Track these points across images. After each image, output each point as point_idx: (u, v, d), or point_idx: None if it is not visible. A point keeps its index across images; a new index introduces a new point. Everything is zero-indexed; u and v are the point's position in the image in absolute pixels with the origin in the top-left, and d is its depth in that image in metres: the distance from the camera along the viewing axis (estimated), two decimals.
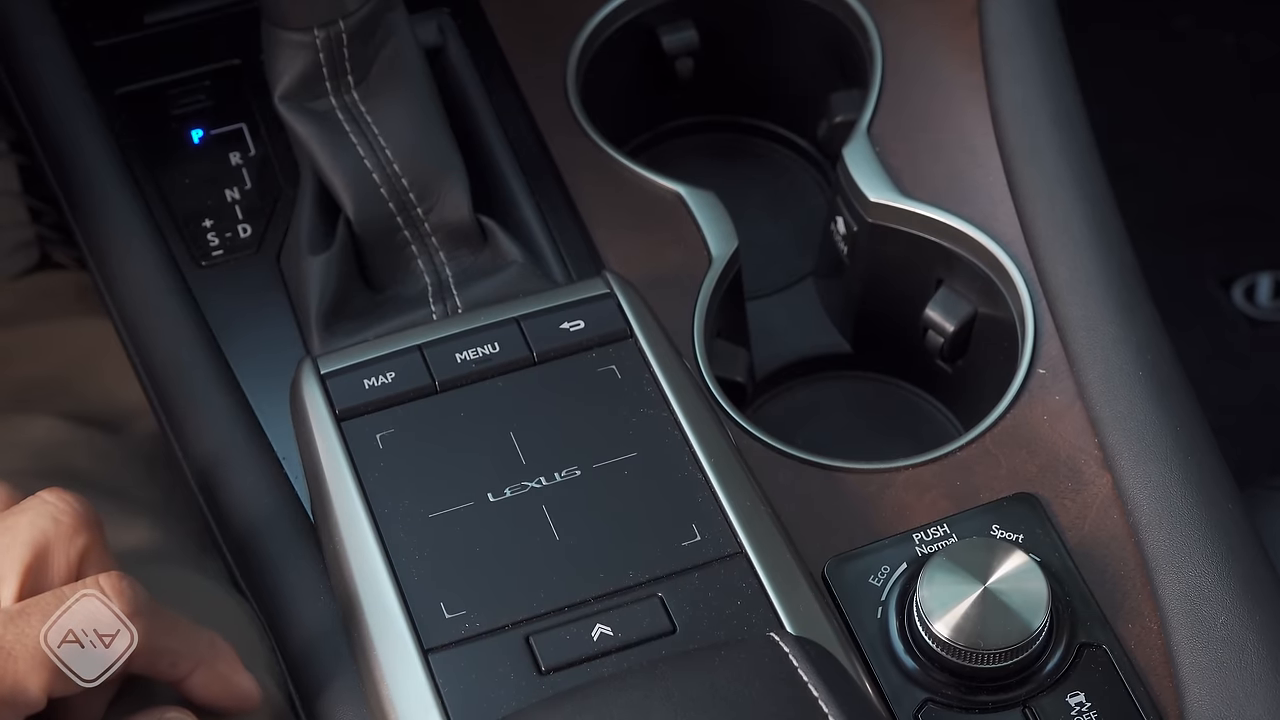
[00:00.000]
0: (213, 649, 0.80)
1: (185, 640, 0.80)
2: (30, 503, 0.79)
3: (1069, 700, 0.84)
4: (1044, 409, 0.94)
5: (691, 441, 0.87)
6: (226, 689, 0.81)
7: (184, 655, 0.79)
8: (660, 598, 0.82)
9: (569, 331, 0.91)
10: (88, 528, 0.78)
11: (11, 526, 0.77)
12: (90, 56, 1.07)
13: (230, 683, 0.81)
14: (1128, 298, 0.96)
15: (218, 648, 0.81)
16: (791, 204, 1.19)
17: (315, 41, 0.95)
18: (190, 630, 0.80)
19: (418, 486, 0.86)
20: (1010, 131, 1.03)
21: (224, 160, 1.05)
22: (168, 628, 0.78)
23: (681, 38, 1.14)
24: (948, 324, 1.04)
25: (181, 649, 0.79)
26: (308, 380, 0.90)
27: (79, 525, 0.78)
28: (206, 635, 0.81)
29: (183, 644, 0.79)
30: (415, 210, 0.97)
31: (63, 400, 1.10)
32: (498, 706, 0.79)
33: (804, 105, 1.17)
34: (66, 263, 1.20)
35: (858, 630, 0.86)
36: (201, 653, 0.80)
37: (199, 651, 0.80)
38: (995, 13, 1.06)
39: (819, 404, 1.12)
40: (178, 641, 0.79)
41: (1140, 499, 0.89)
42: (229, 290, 1.00)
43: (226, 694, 0.81)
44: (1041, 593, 0.83)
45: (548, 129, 1.07)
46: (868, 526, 0.91)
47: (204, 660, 0.80)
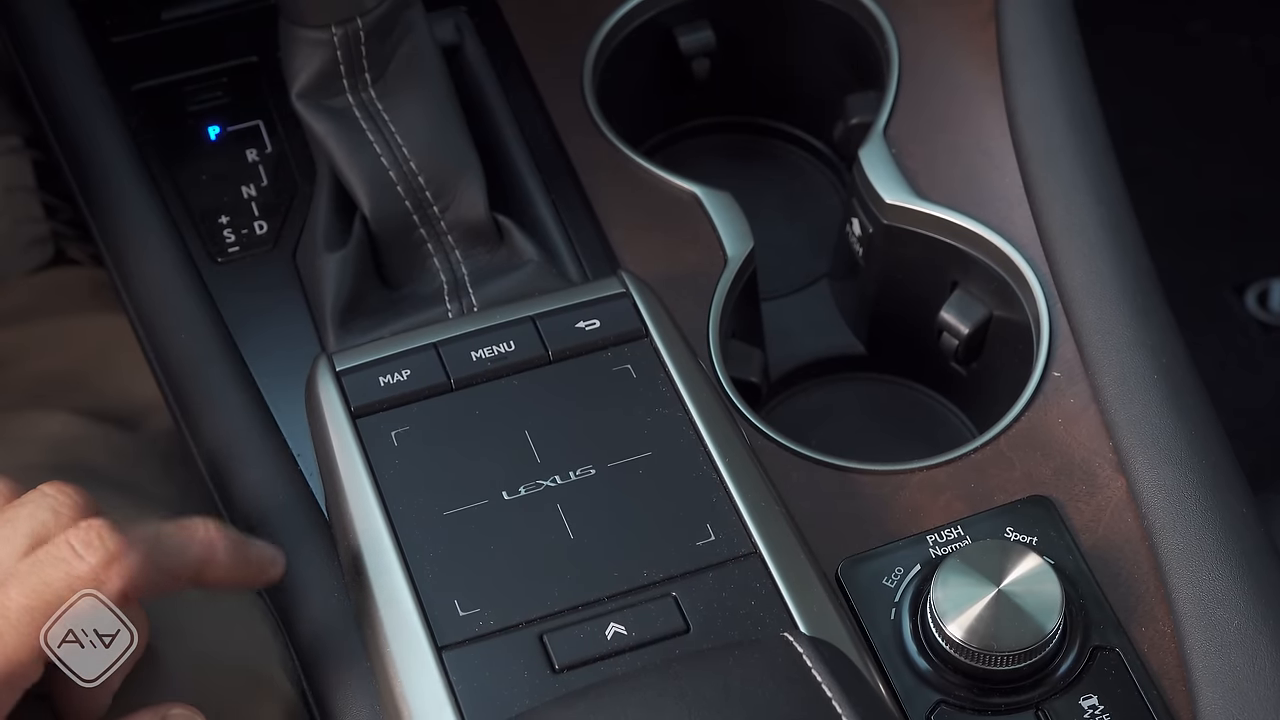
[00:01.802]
0: (208, 532, 0.80)
1: (179, 544, 0.79)
2: (31, 495, 0.79)
3: (1082, 703, 0.84)
4: (1059, 412, 0.94)
5: (706, 441, 0.87)
6: (245, 566, 0.81)
7: (186, 558, 0.79)
8: (674, 597, 0.82)
9: (584, 330, 0.91)
10: (87, 519, 0.78)
11: (11, 519, 0.77)
12: (107, 53, 1.07)
13: (246, 558, 0.81)
14: (1143, 301, 0.96)
15: (211, 532, 0.80)
16: (807, 205, 1.19)
17: (333, 39, 0.95)
18: (176, 532, 0.79)
19: (432, 484, 0.86)
20: (1026, 134, 1.03)
21: (240, 157, 1.05)
22: (154, 548, 0.78)
23: (698, 38, 1.14)
24: (963, 326, 1.03)
25: (181, 555, 0.79)
26: (323, 377, 0.90)
27: (78, 516, 0.78)
28: (195, 526, 0.80)
29: (179, 549, 0.79)
30: (431, 208, 0.97)
31: (78, 396, 1.11)
32: (511, 704, 0.79)
33: (820, 107, 1.17)
34: (81, 259, 1.20)
35: (871, 631, 0.86)
36: (199, 544, 0.79)
37: (196, 547, 0.79)
38: (1012, 16, 1.06)
39: (833, 405, 1.12)
40: (173, 553, 0.79)
41: (1155, 502, 0.89)
42: (245, 287, 1.00)
43: (247, 570, 0.81)
44: (1055, 595, 0.83)
45: (564, 128, 1.07)
46: (882, 528, 0.91)
47: (205, 550, 0.79)
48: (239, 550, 0.81)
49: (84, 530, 0.76)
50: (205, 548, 0.79)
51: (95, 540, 0.75)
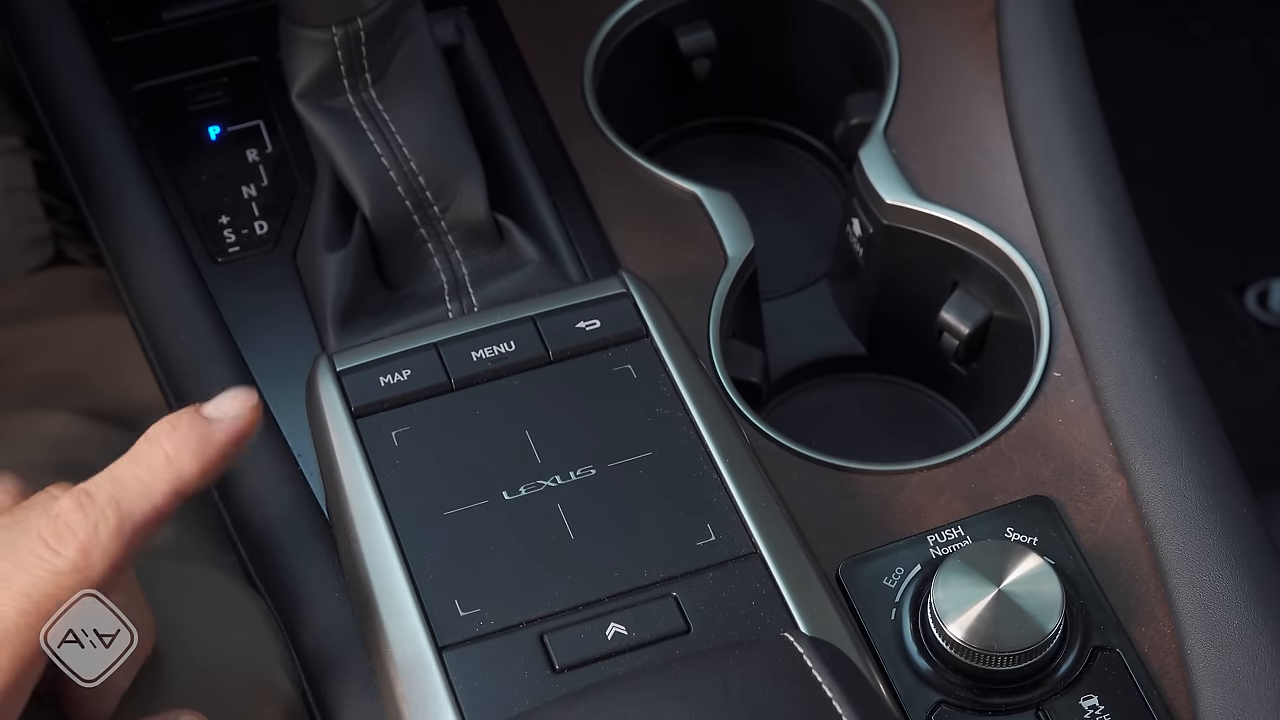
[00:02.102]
0: (164, 449, 0.77)
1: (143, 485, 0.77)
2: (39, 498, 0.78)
3: (1082, 703, 0.84)
4: (1059, 412, 0.94)
5: (706, 441, 0.87)
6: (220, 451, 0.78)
7: (155, 495, 0.77)
8: (675, 597, 0.82)
9: (585, 330, 0.91)
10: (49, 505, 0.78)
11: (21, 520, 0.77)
12: (108, 53, 1.07)
13: (216, 443, 0.78)
14: (1144, 302, 0.96)
15: (167, 446, 0.77)
16: (807, 205, 1.19)
17: (333, 39, 0.95)
18: (134, 471, 0.77)
19: (433, 484, 0.86)
20: (1027, 134, 1.03)
21: (241, 157, 1.05)
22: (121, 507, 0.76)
23: (699, 38, 1.15)
24: (963, 326, 1.04)
25: (149, 495, 0.77)
26: (323, 377, 0.90)
27: None
28: (151, 450, 0.77)
29: (145, 491, 0.77)
30: (432, 208, 0.97)
31: (78, 396, 1.11)
32: (511, 704, 0.79)
33: (821, 107, 1.17)
34: (81, 259, 1.20)
35: (871, 631, 0.86)
36: (161, 473, 0.77)
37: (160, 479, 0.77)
38: (1013, 16, 1.06)
39: (833, 405, 1.12)
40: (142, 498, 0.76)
41: (1155, 502, 0.89)
42: (245, 287, 1.00)
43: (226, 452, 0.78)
44: (1055, 596, 0.83)
45: (564, 128, 1.07)
46: (882, 528, 0.91)
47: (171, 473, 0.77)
48: (205, 445, 0.78)
49: (52, 521, 0.75)
50: (170, 470, 0.77)
51: (64, 530, 0.75)
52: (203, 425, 0.78)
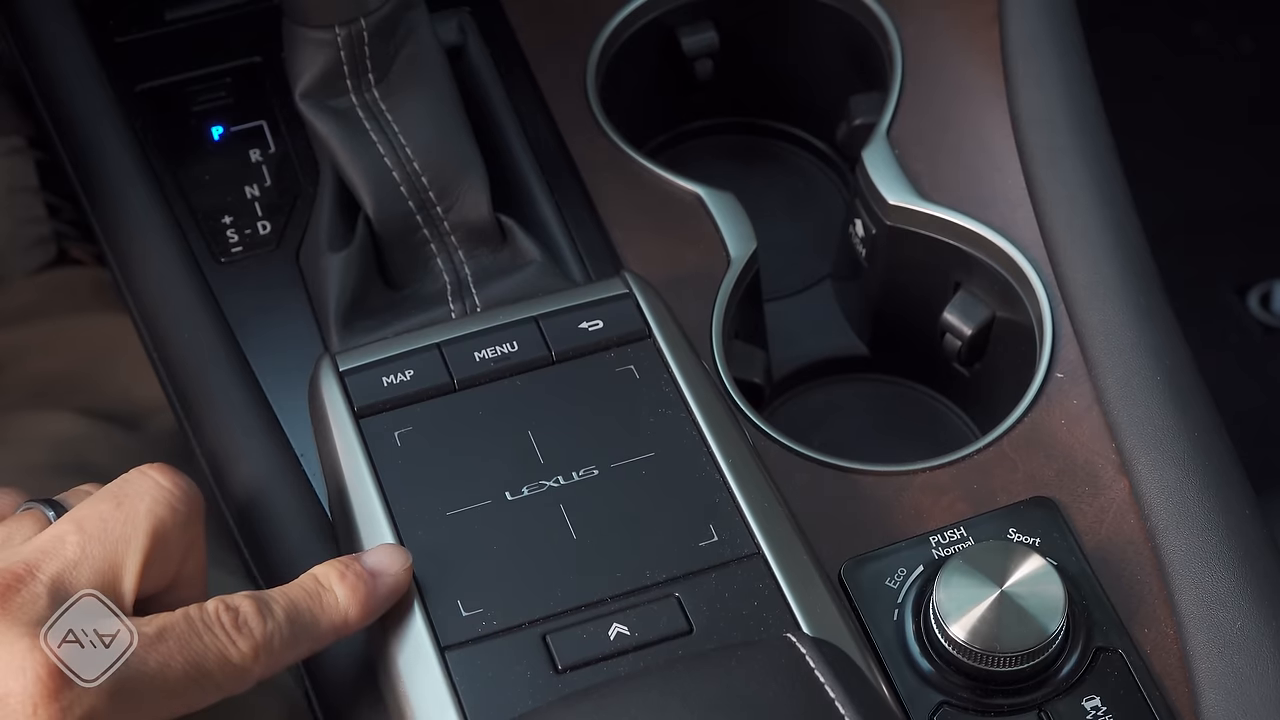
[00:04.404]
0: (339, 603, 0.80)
1: (311, 619, 0.79)
2: (142, 485, 0.79)
3: (1084, 704, 0.84)
4: (1061, 413, 0.94)
5: (709, 442, 0.87)
6: (378, 608, 0.81)
7: (317, 633, 0.79)
8: (677, 598, 0.82)
9: (587, 331, 0.91)
10: (199, 516, 0.79)
11: (132, 514, 0.77)
12: (111, 53, 1.07)
13: (376, 602, 0.81)
14: (1146, 303, 0.96)
15: (341, 601, 0.80)
16: (810, 206, 1.19)
17: (336, 39, 0.95)
18: (309, 605, 0.79)
19: (435, 484, 0.86)
20: (1030, 135, 1.03)
21: (244, 157, 1.05)
22: (292, 626, 0.78)
23: (701, 39, 1.15)
24: (965, 327, 1.04)
25: (313, 629, 0.79)
26: (326, 377, 0.90)
27: (194, 513, 0.79)
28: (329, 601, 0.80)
29: (312, 624, 0.79)
30: (435, 209, 0.97)
31: (81, 396, 1.11)
32: (514, 704, 0.79)
33: (823, 108, 1.17)
34: (84, 259, 1.20)
35: (874, 632, 0.86)
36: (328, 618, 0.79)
37: (327, 623, 0.79)
38: (1016, 17, 1.06)
39: (836, 406, 1.12)
40: (307, 629, 0.79)
41: (1157, 503, 0.89)
42: (248, 287, 1.00)
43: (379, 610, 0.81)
44: (1058, 596, 0.83)
45: (567, 129, 1.07)
46: (884, 529, 0.91)
47: (338, 621, 0.80)
48: (371, 599, 0.81)
49: (233, 614, 0.76)
50: (337, 618, 0.80)
51: (246, 627, 0.76)
52: (370, 580, 0.81)
